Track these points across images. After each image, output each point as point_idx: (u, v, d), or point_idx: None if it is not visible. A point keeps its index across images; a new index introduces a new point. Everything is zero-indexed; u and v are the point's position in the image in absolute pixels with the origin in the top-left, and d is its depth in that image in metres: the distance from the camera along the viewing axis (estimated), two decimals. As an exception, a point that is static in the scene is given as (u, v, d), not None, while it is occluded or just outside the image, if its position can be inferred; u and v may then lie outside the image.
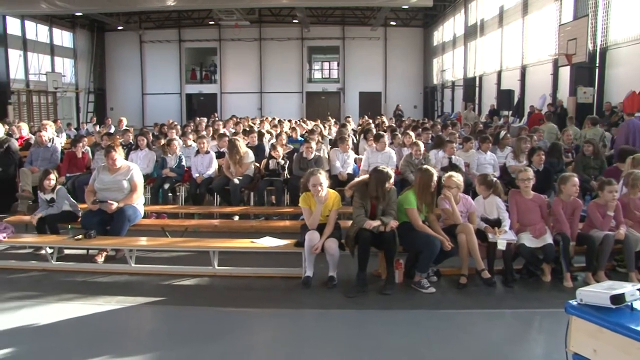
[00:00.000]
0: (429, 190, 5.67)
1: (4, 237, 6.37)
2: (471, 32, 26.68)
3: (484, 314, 4.97)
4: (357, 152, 10.53)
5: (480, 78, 25.79)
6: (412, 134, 10.06)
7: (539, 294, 5.46)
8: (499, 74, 23.20)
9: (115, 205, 6.48)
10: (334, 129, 14.51)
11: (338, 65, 36.04)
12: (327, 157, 9.36)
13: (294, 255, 5.87)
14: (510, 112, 20.80)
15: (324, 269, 5.65)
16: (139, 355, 4.16)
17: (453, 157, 8.82)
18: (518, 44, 21.35)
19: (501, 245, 5.51)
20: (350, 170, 8.93)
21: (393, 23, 33.45)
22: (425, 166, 6.06)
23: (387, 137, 9.56)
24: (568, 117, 14.45)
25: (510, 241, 5.60)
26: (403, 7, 28.18)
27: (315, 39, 34.47)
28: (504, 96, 21.48)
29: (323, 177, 5.68)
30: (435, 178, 5.71)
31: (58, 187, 6.94)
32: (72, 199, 7.10)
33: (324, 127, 14.67)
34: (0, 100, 25.99)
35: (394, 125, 16.36)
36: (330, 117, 19.25)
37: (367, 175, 6.04)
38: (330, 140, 12.34)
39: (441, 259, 5.60)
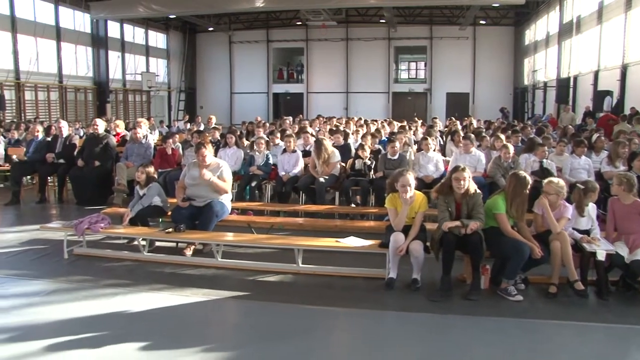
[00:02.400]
0: (522, 196, 5.46)
1: (102, 228, 6.75)
2: (566, 29, 25.50)
3: (575, 327, 4.73)
4: (443, 154, 10.36)
5: (575, 78, 24.61)
6: (502, 136, 9.77)
7: (637, 310, 5.12)
8: (596, 74, 22.02)
9: (209, 175, 6.74)
10: (421, 130, 14.34)
11: (425, 65, 35.52)
12: (412, 158, 9.27)
13: (377, 255, 5.87)
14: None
15: (408, 271, 5.59)
16: (223, 347, 4.29)
17: (545, 161, 8.51)
18: (619, 41, 20.13)
19: (600, 256, 5.21)
20: (438, 172, 8.80)
21: (482, 22, 32.58)
22: (521, 172, 5.80)
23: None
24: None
25: (610, 252, 5.28)
26: (493, 5, 27.43)
27: (402, 39, 34.15)
28: (601, 97, 20.37)
29: (412, 178, 5.63)
30: (529, 185, 5.54)
31: (152, 183, 7.26)
32: (164, 194, 7.38)
33: (411, 128, 14.51)
34: (100, 99, 27.63)
35: (482, 127, 15.94)
36: (416, 118, 19.04)
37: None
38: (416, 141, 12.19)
39: (530, 267, 5.42)
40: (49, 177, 10.67)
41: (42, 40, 24.28)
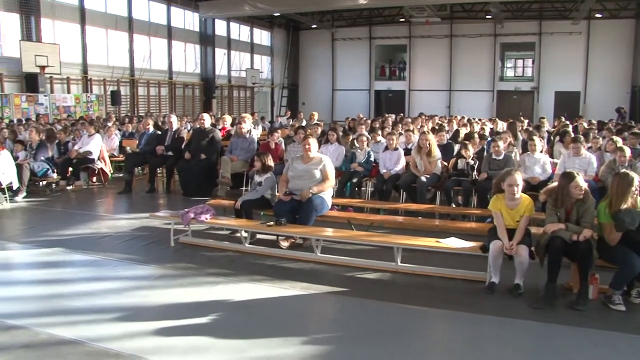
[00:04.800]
0: (627, 198, 5.00)
1: (206, 219, 7.02)
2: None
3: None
4: (551, 156, 9.92)
5: None
6: (617, 138, 9.20)
7: None
8: None
9: (315, 189, 6.89)
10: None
11: (533, 62, 34.00)
12: (517, 159, 8.94)
13: (478, 258, 5.69)
14: None
15: (510, 275, 5.40)
16: (319, 341, 4.33)
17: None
18: None
19: None
20: (545, 174, 8.43)
21: (598, 15, 30.65)
22: (626, 171, 5.45)
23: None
24: None
25: None
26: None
27: (509, 35, 32.86)
28: None
29: (520, 178, 5.44)
30: (636, 184, 5.04)
31: (270, 173, 7.48)
32: (276, 189, 7.51)
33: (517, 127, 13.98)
34: (206, 95, 28.81)
35: (595, 128, 15.09)
36: (522, 118, 18.33)
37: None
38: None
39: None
40: (158, 169, 11.27)
41: (154, 39, 25.72)
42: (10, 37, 19.50)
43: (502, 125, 15.17)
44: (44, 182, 10.90)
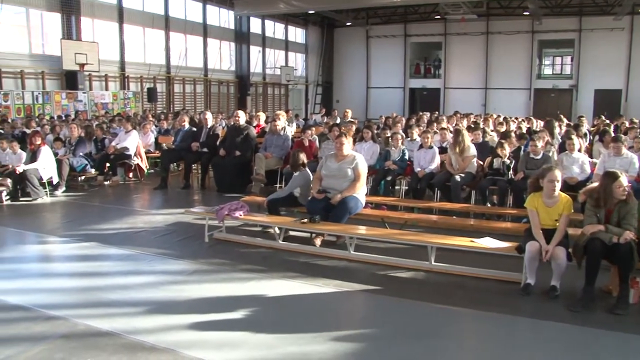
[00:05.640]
0: None
1: (240, 215, 7.07)
2: None
3: None
4: (590, 156, 9.70)
5: None
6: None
7: None
8: None
9: (339, 196, 6.80)
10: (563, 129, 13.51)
11: (572, 60, 33.24)
12: (555, 158, 8.78)
13: (513, 258, 5.61)
14: None
15: (545, 276, 5.29)
16: (351, 339, 4.32)
17: None
18: None
19: None
20: (584, 174, 8.24)
21: (643, 11, 29.82)
22: None
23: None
24: None
25: None
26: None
27: (548, 32, 32.20)
28: None
29: (560, 175, 5.33)
30: None
31: (303, 170, 7.51)
32: (308, 188, 7.50)
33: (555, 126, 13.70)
34: (241, 92, 29.03)
35: (637, 126, 14.69)
36: (562, 117, 17.96)
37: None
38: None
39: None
40: (193, 165, 11.39)
41: (190, 36, 26.01)
42: (52, 36, 19.98)
43: (538, 124, 14.89)
44: (83, 177, 11.16)
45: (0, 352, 3.96)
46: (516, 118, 16.91)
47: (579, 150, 8.77)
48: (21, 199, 9.61)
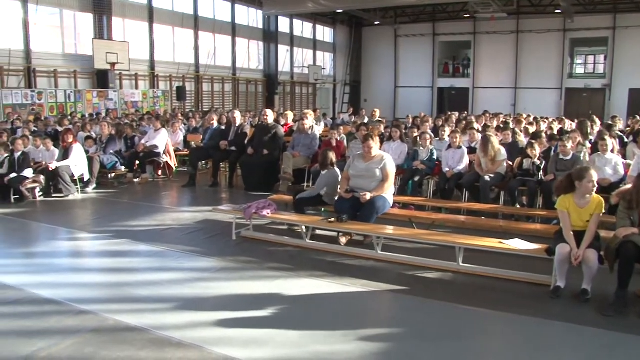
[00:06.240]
0: None
1: (268, 213, 7.09)
2: None
3: None
4: (624, 157, 9.50)
5: None
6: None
7: None
8: None
9: (368, 196, 6.77)
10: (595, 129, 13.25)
11: (605, 58, 32.55)
12: (587, 159, 8.62)
13: (543, 261, 5.51)
14: None
15: (576, 279, 5.19)
16: (378, 339, 4.30)
17: None
18: None
19: None
20: (617, 176, 8.06)
21: (680, 7, 29.00)
22: None
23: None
24: None
25: None
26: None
27: (580, 30, 31.60)
28: None
29: (596, 176, 5.24)
30: None
31: (331, 169, 7.51)
32: (335, 187, 7.47)
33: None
34: (269, 91, 29.18)
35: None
36: (594, 117, 17.62)
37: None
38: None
39: None
40: (221, 163, 11.47)
41: (219, 36, 26.25)
42: (84, 36, 20.35)
43: (570, 125, 14.65)
44: (113, 175, 11.33)
45: (33, 344, 4.04)
46: (547, 118, 16.63)
47: (612, 151, 8.59)
48: (53, 195, 9.81)
